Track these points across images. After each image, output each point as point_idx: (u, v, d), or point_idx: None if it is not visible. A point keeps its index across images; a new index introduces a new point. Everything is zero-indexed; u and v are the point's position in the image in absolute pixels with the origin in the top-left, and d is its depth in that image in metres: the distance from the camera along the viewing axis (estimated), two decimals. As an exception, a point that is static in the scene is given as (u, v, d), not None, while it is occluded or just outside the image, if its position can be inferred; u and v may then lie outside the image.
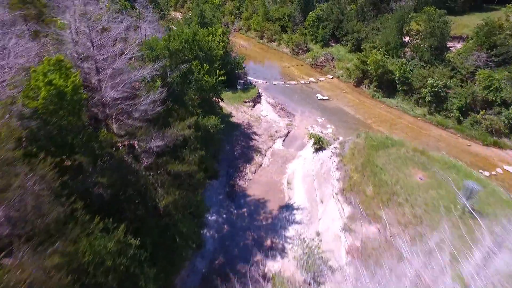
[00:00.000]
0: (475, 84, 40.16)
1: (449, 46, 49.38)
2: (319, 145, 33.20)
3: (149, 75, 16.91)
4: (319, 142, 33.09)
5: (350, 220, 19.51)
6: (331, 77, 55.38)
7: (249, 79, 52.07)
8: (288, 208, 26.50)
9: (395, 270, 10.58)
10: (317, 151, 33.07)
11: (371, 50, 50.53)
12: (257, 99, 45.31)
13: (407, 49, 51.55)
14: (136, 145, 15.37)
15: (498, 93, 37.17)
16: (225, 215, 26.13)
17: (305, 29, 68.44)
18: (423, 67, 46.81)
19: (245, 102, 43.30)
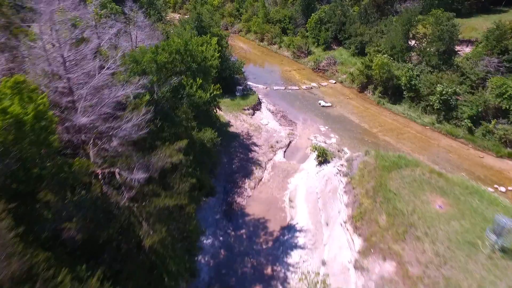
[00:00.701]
0: (487, 91, 38.13)
1: (457, 50, 47.34)
2: (323, 157, 31.24)
3: (132, 93, 14.94)
4: (323, 154, 31.11)
5: (361, 255, 17.45)
6: (334, 82, 53.35)
7: (248, 85, 50.06)
8: (290, 229, 24.47)
9: None
10: (320, 164, 31.10)
11: (375, 54, 48.49)
12: (257, 106, 43.28)
13: (413, 53, 49.56)
14: (117, 174, 13.43)
15: (512, 101, 35.16)
16: (222, 238, 24.11)
17: (307, 32, 66.42)
18: (430, 72, 44.78)
19: (245, 109, 41.28)
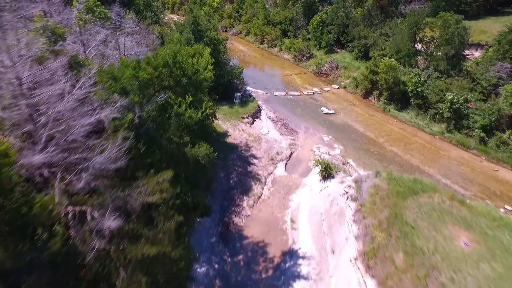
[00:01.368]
0: (500, 98, 35.97)
1: (465, 54, 45.15)
2: (327, 172, 29.14)
3: (108, 117, 12.83)
4: (326, 169, 29.01)
5: (375, 302, 15.40)
6: (337, 87, 51.20)
7: (248, 90, 47.98)
8: (292, 255, 22.34)
9: None
10: (324, 179, 29.02)
11: (380, 58, 46.30)
12: (256, 114, 41.16)
13: (420, 57, 47.41)
14: (88, 214, 11.36)
15: (528, 111, 33.03)
16: (217, 265, 21.99)
17: (308, 34, 64.34)
18: (438, 78, 42.67)
19: (243, 118, 39.16)
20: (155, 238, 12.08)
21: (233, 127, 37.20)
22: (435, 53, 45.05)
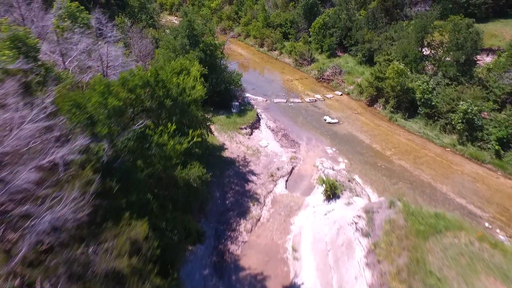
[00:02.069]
0: (516, 109, 33.58)
1: (476, 59, 42.71)
2: (332, 191, 26.79)
3: (63, 160, 10.44)
4: (331, 189, 26.66)
5: None
6: (340, 93, 48.81)
7: (246, 97, 45.66)
8: (294, 292, 19.99)
9: None
10: (329, 199, 26.67)
11: (386, 63, 43.89)
12: (255, 124, 38.78)
13: (427, 63, 45.00)
14: (38, 284, 9.03)
15: (548, 123, 30.66)
16: (210, 304, 19.64)
17: (309, 37, 61.91)
18: (448, 85, 40.28)
19: (241, 128, 36.77)
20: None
21: (230, 139, 34.81)
22: (444, 58, 42.76)
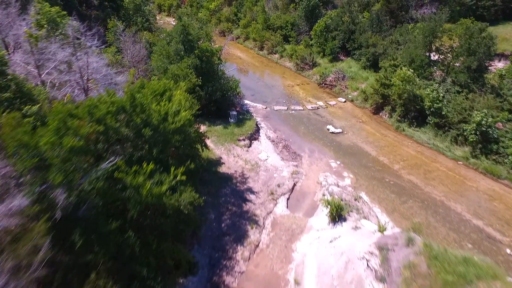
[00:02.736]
0: (534, 119, 31.37)
1: (487, 65, 40.43)
2: (337, 213, 24.55)
3: (7, 220, 8.17)
4: (337, 210, 24.42)
5: None
6: (344, 100, 46.53)
7: (245, 105, 43.43)
8: (297, 336, 17.72)
9: None
10: (334, 221, 24.44)
11: (392, 69, 41.62)
12: (254, 135, 36.51)
13: (435, 69, 42.72)
14: None
15: None
16: None
17: (311, 40, 59.67)
18: (458, 92, 38.04)
19: (239, 140, 34.50)
20: None
21: (227, 152, 32.53)
22: (453, 64, 40.51)
